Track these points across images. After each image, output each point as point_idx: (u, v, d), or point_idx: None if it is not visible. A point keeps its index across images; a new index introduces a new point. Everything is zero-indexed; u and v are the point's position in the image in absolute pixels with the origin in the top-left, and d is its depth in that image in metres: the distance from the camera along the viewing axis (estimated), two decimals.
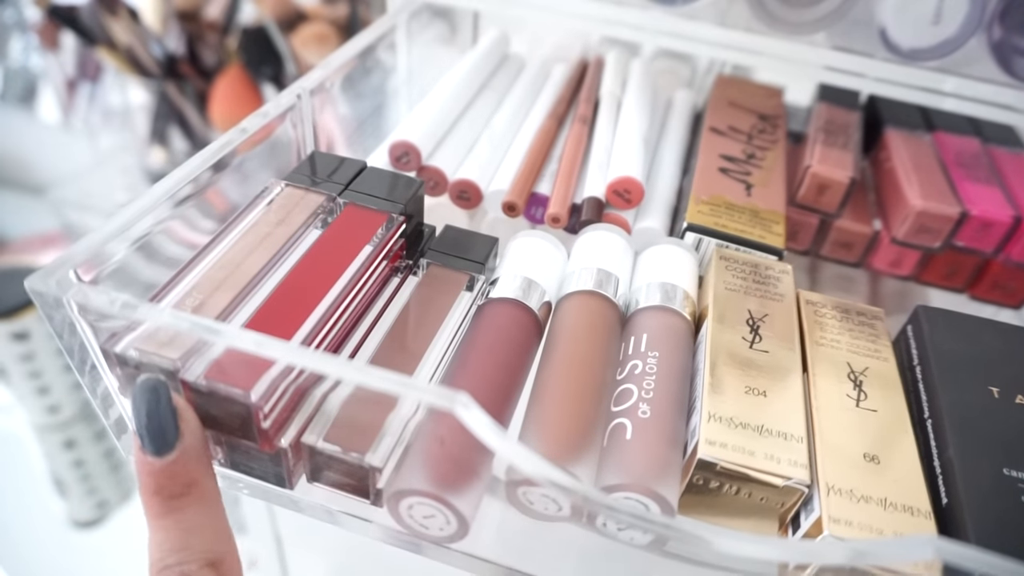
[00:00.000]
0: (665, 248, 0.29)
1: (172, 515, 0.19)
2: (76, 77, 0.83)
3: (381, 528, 0.22)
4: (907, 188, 0.33)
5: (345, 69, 0.33)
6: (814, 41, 0.39)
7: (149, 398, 0.19)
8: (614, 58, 0.42)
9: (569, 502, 0.21)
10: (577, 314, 0.26)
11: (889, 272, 0.35)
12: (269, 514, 0.47)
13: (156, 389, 0.19)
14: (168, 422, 0.19)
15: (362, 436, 0.20)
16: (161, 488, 0.19)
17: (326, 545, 0.45)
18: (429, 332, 0.25)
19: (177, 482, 0.19)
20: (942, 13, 0.32)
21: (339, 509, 0.23)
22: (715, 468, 0.21)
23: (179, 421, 0.19)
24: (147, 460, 0.19)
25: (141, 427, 0.19)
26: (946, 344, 0.25)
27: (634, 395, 0.23)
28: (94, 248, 0.20)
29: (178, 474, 0.19)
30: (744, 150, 0.35)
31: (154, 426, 0.19)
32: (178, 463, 0.19)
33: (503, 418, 0.23)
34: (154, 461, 0.19)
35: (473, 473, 0.20)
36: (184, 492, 0.19)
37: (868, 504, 0.21)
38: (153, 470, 0.19)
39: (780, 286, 0.28)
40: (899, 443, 0.23)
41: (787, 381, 0.24)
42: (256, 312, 0.22)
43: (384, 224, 0.26)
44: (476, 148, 0.35)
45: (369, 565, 0.42)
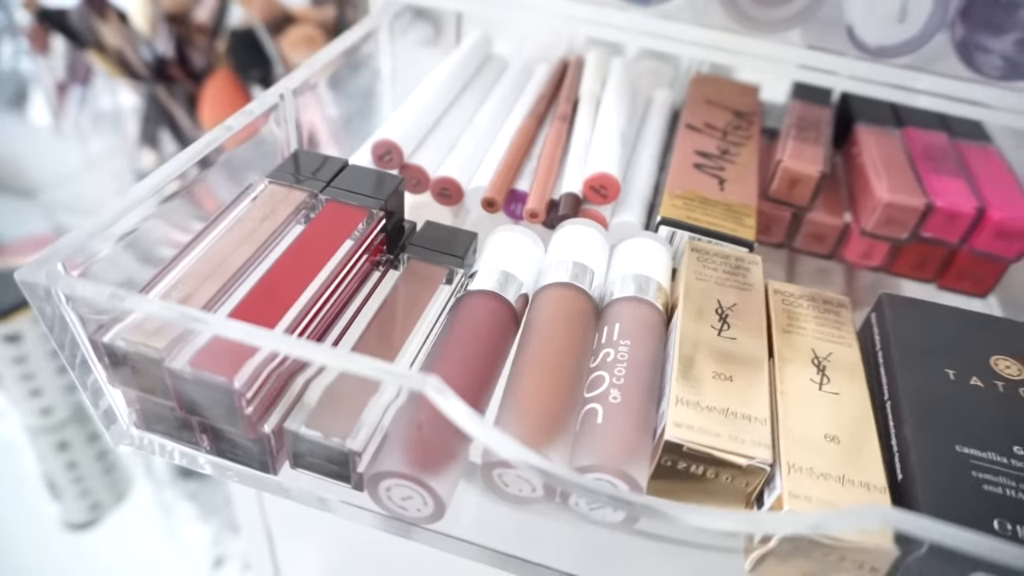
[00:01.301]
0: (639, 241, 0.30)
1: None
2: (66, 80, 0.83)
3: (363, 511, 0.23)
4: (875, 181, 0.34)
5: (329, 69, 0.34)
6: (789, 40, 0.40)
7: None
8: (594, 58, 0.43)
9: (542, 482, 0.21)
10: (553, 305, 0.27)
11: (860, 264, 0.36)
12: (261, 513, 0.47)
13: None
14: None
15: (343, 422, 0.21)
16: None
17: (317, 542, 0.46)
18: (409, 324, 0.25)
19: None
20: (907, 11, 0.33)
21: (325, 495, 0.24)
22: (682, 449, 0.22)
23: None
24: None
25: None
26: (907, 330, 0.26)
27: (605, 381, 0.24)
28: (82, 242, 0.21)
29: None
30: (719, 146, 0.36)
31: None
32: None
33: (480, 405, 0.24)
34: None
35: (449, 456, 0.21)
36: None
37: (827, 481, 0.21)
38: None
39: (749, 276, 0.29)
40: (859, 424, 0.24)
41: (753, 366, 0.25)
42: (240, 303, 0.22)
43: (364, 219, 0.27)
44: (458, 146, 0.36)
45: (360, 563, 0.43)
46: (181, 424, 0.22)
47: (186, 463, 0.24)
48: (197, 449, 0.23)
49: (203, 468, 0.24)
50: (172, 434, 0.23)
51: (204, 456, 0.24)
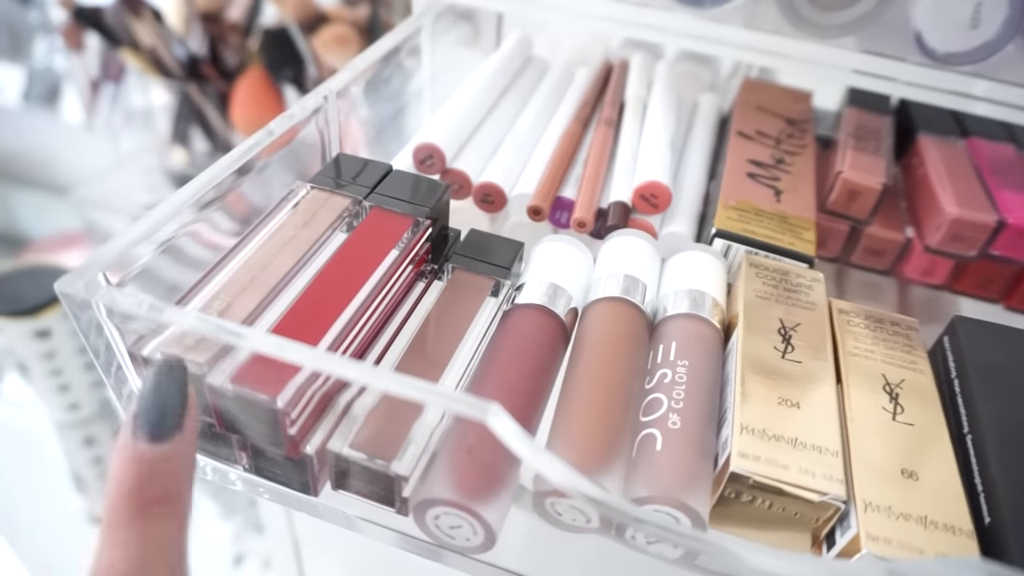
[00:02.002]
0: (693, 254, 0.29)
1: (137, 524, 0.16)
2: (99, 78, 0.83)
3: (403, 536, 0.22)
4: (941, 195, 0.32)
5: (371, 71, 0.33)
6: (843, 44, 0.38)
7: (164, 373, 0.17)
8: (639, 61, 0.42)
9: (598, 514, 0.20)
10: (604, 321, 0.26)
11: (921, 281, 0.34)
12: (287, 515, 0.47)
13: (174, 369, 0.17)
14: (175, 405, 0.17)
15: (388, 443, 0.20)
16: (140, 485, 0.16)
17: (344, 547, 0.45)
18: (454, 338, 0.24)
19: (158, 484, 0.17)
20: (980, 16, 0.31)
21: (361, 516, 0.22)
22: (748, 482, 0.21)
23: (186, 412, 0.17)
24: (134, 446, 0.16)
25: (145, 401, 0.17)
26: (985, 356, 0.25)
27: (664, 405, 0.23)
28: (122, 251, 0.20)
29: (163, 474, 0.17)
30: (772, 155, 0.35)
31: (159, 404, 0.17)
32: (168, 460, 0.17)
33: (530, 426, 0.23)
34: (144, 448, 0.16)
35: (501, 483, 0.20)
36: (161, 499, 0.16)
37: (907, 522, 0.20)
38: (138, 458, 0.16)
39: (812, 294, 0.27)
40: (938, 458, 0.22)
41: (820, 392, 0.23)
42: (283, 316, 0.21)
43: (410, 228, 0.25)
44: (500, 151, 0.35)
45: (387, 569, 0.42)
46: (220, 440, 0.21)
47: (217, 479, 0.23)
48: (234, 466, 0.22)
49: (234, 485, 0.23)
50: (210, 450, 0.22)
51: (236, 472, 0.23)
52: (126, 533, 0.16)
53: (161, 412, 0.17)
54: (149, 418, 0.17)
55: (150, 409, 0.17)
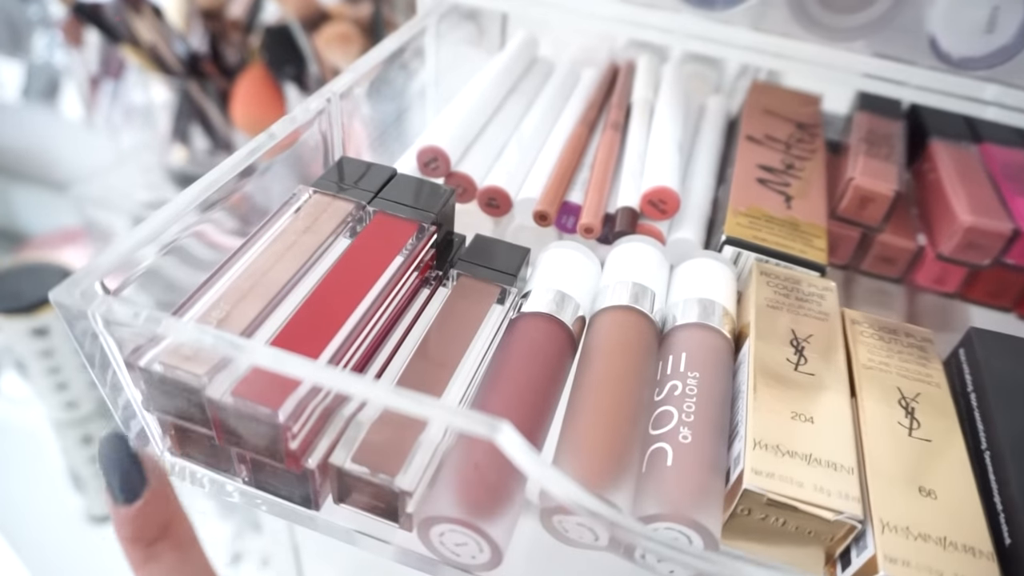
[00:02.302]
0: (702, 262, 0.28)
1: (152, 563, 0.20)
2: (99, 74, 0.83)
3: (406, 553, 0.21)
4: (955, 202, 0.32)
5: (375, 71, 0.32)
6: (853, 47, 0.37)
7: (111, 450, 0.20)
8: (646, 62, 0.41)
9: (607, 534, 0.20)
10: (612, 330, 0.25)
11: (932, 289, 0.34)
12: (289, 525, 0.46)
13: (115, 441, 0.20)
14: (133, 470, 0.20)
15: (392, 457, 0.20)
16: (138, 534, 0.20)
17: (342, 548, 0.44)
18: (460, 346, 0.24)
19: (151, 524, 0.20)
20: (996, 20, 0.30)
21: (361, 531, 0.22)
22: (762, 499, 0.20)
23: (144, 469, 0.20)
24: (120, 510, 0.20)
25: (108, 477, 0.20)
26: (1003, 370, 0.24)
27: (674, 418, 0.22)
28: (120, 259, 0.20)
29: (150, 516, 0.20)
30: (782, 160, 0.34)
31: (121, 476, 0.20)
32: (148, 505, 0.20)
33: (537, 439, 0.22)
34: (127, 510, 0.20)
35: (508, 499, 0.19)
36: (160, 535, 0.20)
37: (926, 543, 0.19)
38: (126, 518, 0.20)
39: (824, 304, 0.27)
40: (956, 476, 0.21)
41: (835, 406, 0.23)
42: (284, 325, 0.21)
43: (415, 233, 0.25)
44: (505, 154, 0.34)
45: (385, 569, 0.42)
46: (219, 453, 0.21)
47: (215, 492, 0.23)
48: (234, 479, 0.21)
49: (231, 497, 0.23)
50: (209, 462, 0.21)
51: (233, 484, 0.22)
52: (146, 570, 0.20)
53: (124, 481, 0.20)
54: (117, 489, 0.20)
55: (114, 482, 0.20)
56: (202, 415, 0.19)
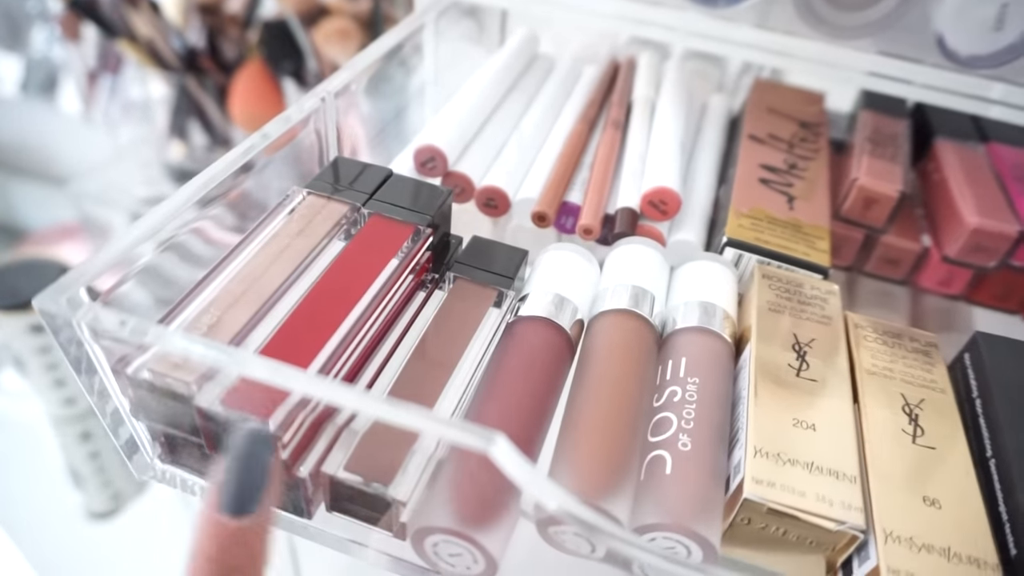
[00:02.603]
0: (703, 264, 0.28)
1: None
2: (97, 69, 0.82)
3: (402, 563, 0.21)
4: (961, 203, 0.31)
5: (372, 69, 0.32)
6: (858, 45, 0.37)
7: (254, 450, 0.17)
8: (647, 60, 0.41)
9: (604, 545, 0.19)
10: (611, 334, 0.25)
11: (938, 291, 0.33)
12: None
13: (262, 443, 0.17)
14: (259, 484, 0.17)
15: (386, 466, 0.19)
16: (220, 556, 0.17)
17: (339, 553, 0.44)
18: (456, 351, 0.23)
19: (238, 554, 0.17)
20: (1005, 18, 0.30)
21: (356, 541, 0.21)
22: (762, 509, 0.20)
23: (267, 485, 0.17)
24: (218, 519, 0.17)
25: (233, 478, 0.17)
26: (1009, 375, 0.24)
27: (673, 425, 0.22)
28: (107, 264, 0.19)
29: (245, 544, 0.17)
30: (785, 160, 0.34)
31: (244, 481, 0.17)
32: (250, 532, 0.17)
33: (534, 445, 0.22)
34: (227, 523, 0.17)
35: (503, 510, 0.19)
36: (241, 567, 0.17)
37: (930, 554, 0.19)
38: (222, 532, 0.17)
39: (827, 308, 0.26)
40: (960, 485, 0.21)
41: (837, 413, 0.22)
42: (275, 332, 0.20)
43: (411, 236, 0.24)
44: (504, 153, 0.34)
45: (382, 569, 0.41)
46: (210, 460, 0.20)
47: None
48: None
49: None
50: (199, 469, 0.21)
51: None
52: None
53: (246, 490, 0.17)
54: (234, 495, 0.17)
55: (235, 485, 0.17)
56: (192, 423, 0.19)
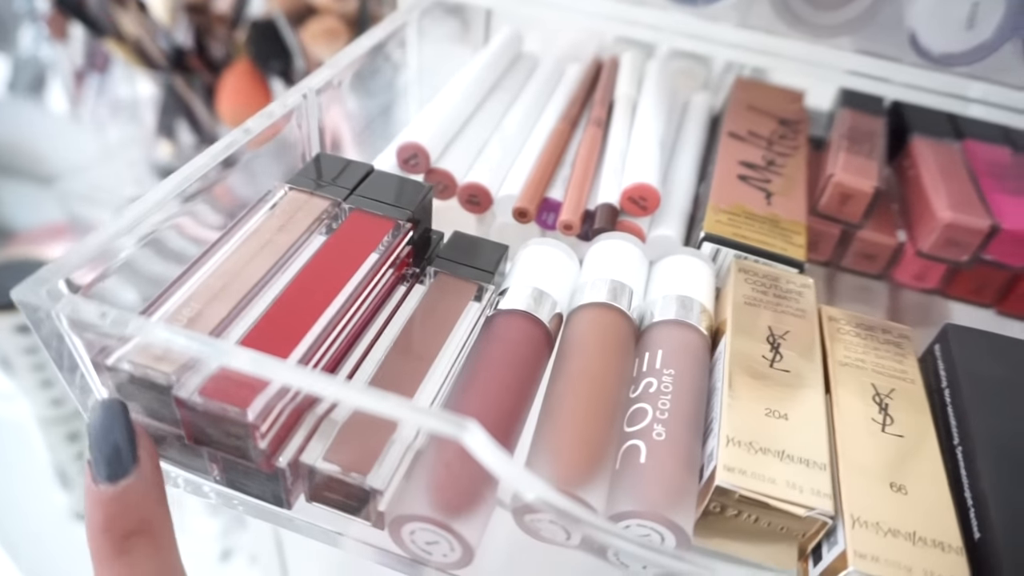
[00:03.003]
0: (681, 259, 0.28)
1: (121, 559, 0.17)
2: (85, 68, 0.82)
3: (381, 552, 0.21)
4: (934, 199, 0.32)
5: (354, 67, 0.32)
6: (837, 44, 0.37)
7: (106, 417, 0.18)
8: (630, 59, 0.41)
9: (579, 533, 0.20)
10: (590, 327, 0.25)
11: (913, 285, 0.34)
12: None
13: (114, 408, 0.18)
14: (125, 444, 0.18)
15: (363, 456, 0.20)
16: (111, 523, 0.17)
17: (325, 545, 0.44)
18: (436, 344, 0.24)
19: (130, 517, 0.17)
20: (976, 17, 0.31)
21: (338, 531, 0.22)
22: (734, 496, 0.20)
23: (137, 446, 0.18)
24: (98, 489, 0.17)
25: (95, 448, 0.17)
26: (978, 366, 0.24)
27: (648, 415, 0.22)
28: (88, 256, 0.20)
29: (131, 507, 0.18)
30: (764, 156, 0.34)
31: (109, 447, 0.17)
32: (132, 493, 0.17)
33: (512, 437, 0.22)
34: (106, 489, 0.17)
35: (479, 498, 0.19)
36: (136, 530, 0.17)
37: (896, 538, 0.19)
38: (104, 500, 0.17)
39: (802, 301, 0.27)
40: (928, 472, 0.21)
41: (809, 403, 0.23)
42: (255, 324, 0.21)
43: (391, 231, 0.25)
44: (487, 150, 0.34)
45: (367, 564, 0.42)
46: (191, 452, 0.21)
47: (191, 492, 0.22)
48: (206, 478, 0.21)
49: (208, 497, 0.23)
50: (181, 461, 0.21)
51: (209, 485, 0.22)
52: (113, 567, 0.17)
53: (112, 453, 0.17)
54: (103, 461, 0.17)
55: (101, 453, 0.17)
56: (172, 414, 0.19)
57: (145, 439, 0.18)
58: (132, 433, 0.18)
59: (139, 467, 0.18)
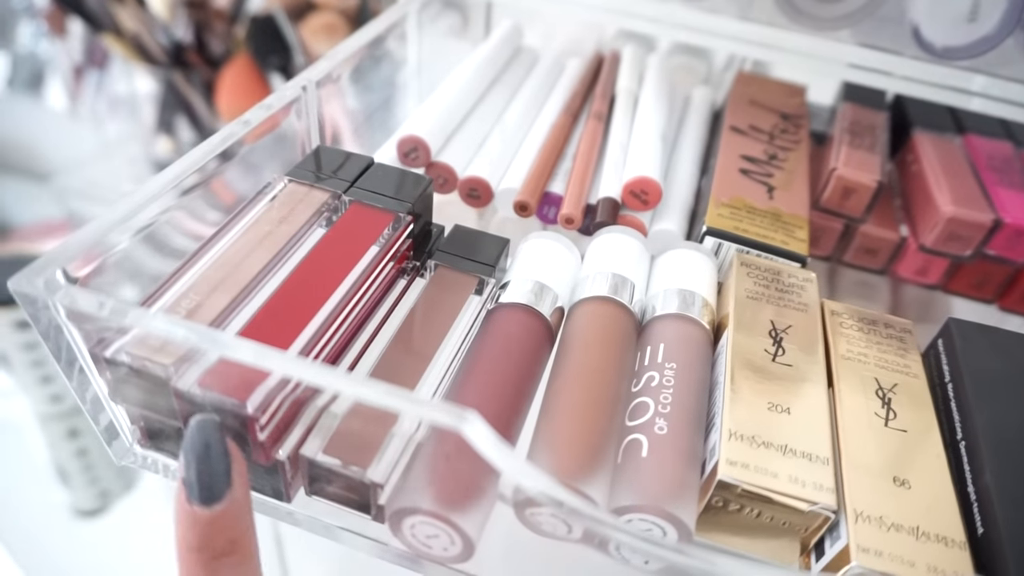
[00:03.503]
0: (683, 253, 0.28)
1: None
2: (83, 64, 0.82)
3: (380, 546, 0.21)
4: (937, 193, 0.32)
5: (353, 60, 0.32)
6: (839, 37, 0.37)
7: (203, 437, 0.17)
8: (631, 53, 0.41)
9: (580, 526, 0.19)
10: (591, 321, 0.25)
11: (915, 280, 0.34)
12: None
13: (212, 430, 0.18)
14: (221, 468, 0.17)
15: (363, 449, 0.19)
16: (204, 544, 0.17)
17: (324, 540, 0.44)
18: (436, 337, 0.23)
19: (223, 538, 0.17)
20: (978, 10, 0.30)
21: (338, 524, 0.22)
22: (736, 490, 0.20)
23: (231, 466, 0.18)
24: (192, 510, 0.17)
25: (191, 470, 0.17)
26: (981, 360, 0.24)
27: (650, 409, 0.22)
28: (84, 246, 0.19)
29: (223, 529, 0.17)
30: (765, 150, 0.34)
31: (207, 473, 0.17)
32: (227, 515, 0.17)
33: (512, 430, 0.22)
34: (201, 512, 0.17)
35: (479, 492, 0.19)
36: (228, 551, 0.17)
37: (899, 533, 0.19)
38: (198, 521, 0.17)
39: (804, 295, 0.27)
40: (931, 466, 0.21)
41: (811, 397, 0.23)
42: (255, 316, 0.21)
43: (391, 224, 0.25)
44: (487, 144, 0.34)
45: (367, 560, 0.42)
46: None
47: None
48: None
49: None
50: (179, 453, 0.21)
51: None
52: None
53: (210, 476, 0.17)
54: (199, 484, 0.17)
55: (198, 475, 0.17)
56: (170, 406, 0.19)
57: (239, 460, 0.18)
58: (228, 456, 0.18)
59: (232, 491, 0.17)
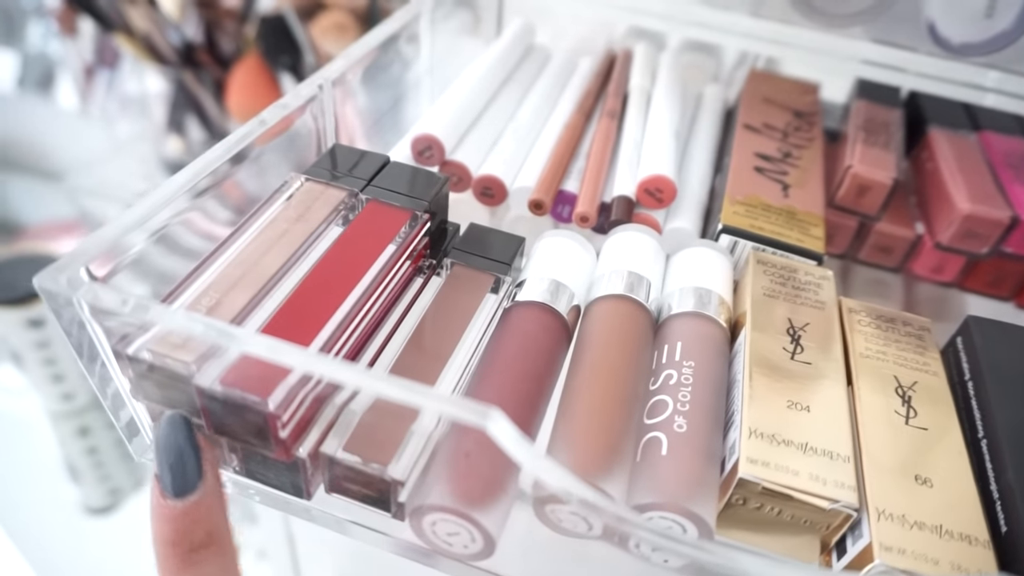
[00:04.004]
0: (698, 251, 0.28)
1: (189, 571, 0.18)
2: (94, 64, 0.82)
3: (398, 542, 0.21)
4: (953, 190, 0.31)
5: (368, 59, 0.32)
6: (852, 34, 0.37)
7: (171, 432, 0.18)
8: (643, 51, 0.41)
9: (601, 523, 0.19)
10: (607, 319, 0.25)
11: (930, 278, 0.34)
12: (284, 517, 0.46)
13: (179, 424, 0.18)
14: (191, 460, 0.18)
15: (384, 446, 0.19)
16: (180, 537, 0.18)
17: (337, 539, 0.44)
18: (453, 336, 0.23)
19: (197, 530, 0.18)
20: (995, 6, 0.30)
21: (356, 521, 0.22)
22: (756, 488, 0.20)
23: (202, 460, 0.18)
24: (166, 504, 0.18)
25: (163, 463, 0.18)
26: (1000, 358, 0.24)
27: (669, 407, 0.22)
28: (106, 244, 0.19)
29: (198, 520, 0.18)
30: (780, 148, 0.34)
31: (177, 464, 0.18)
32: (201, 507, 0.18)
33: (530, 429, 0.22)
34: (174, 505, 0.18)
35: (500, 489, 0.19)
36: (204, 543, 0.18)
37: (922, 531, 0.19)
38: (172, 515, 0.18)
39: (821, 293, 0.27)
40: (952, 464, 0.21)
41: (831, 395, 0.23)
42: (274, 313, 0.21)
43: (408, 222, 0.25)
44: (500, 143, 0.34)
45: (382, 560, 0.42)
46: (210, 441, 0.21)
47: None
48: (225, 468, 0.21)
49: (225, 487, 0.22)
50: None
51: (226, 474, 0.22)
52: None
53: (179, 469, 0.18)
54: (170, 478, 0.18)
55: (169, 469, 0.18)
56: (191, 403, 0.19)
57: (209, 451, 0.18)
58: (198, 448, 0.18)
59: (205, 481, 0.18)
